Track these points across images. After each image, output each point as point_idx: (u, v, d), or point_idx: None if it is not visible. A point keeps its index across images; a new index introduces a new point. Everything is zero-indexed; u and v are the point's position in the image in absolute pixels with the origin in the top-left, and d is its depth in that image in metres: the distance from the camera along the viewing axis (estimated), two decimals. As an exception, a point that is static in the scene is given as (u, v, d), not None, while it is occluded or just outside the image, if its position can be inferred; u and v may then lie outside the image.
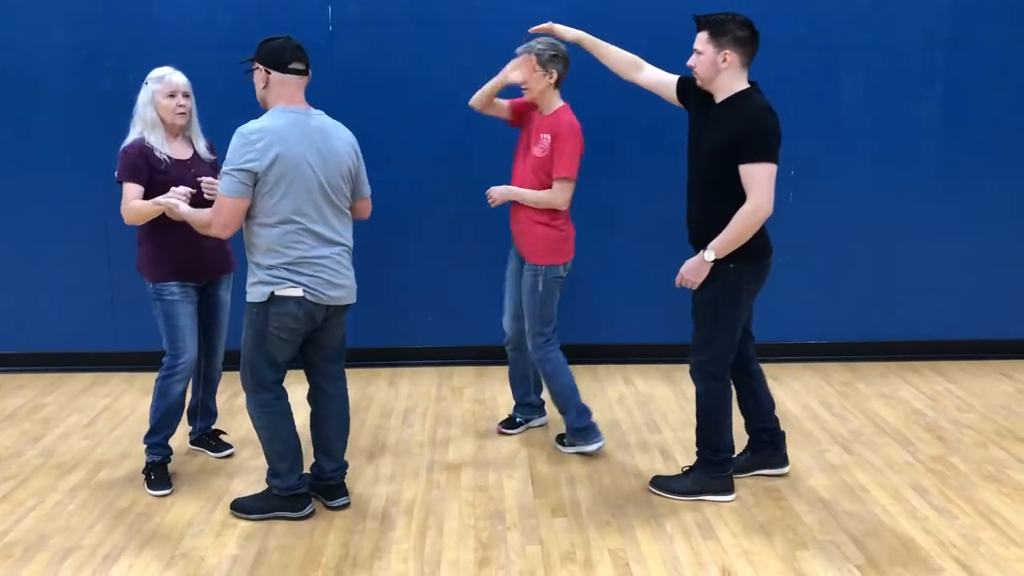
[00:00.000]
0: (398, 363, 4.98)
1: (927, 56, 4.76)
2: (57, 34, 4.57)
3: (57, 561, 2.92)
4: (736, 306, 3.19)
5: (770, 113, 3.03)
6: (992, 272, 4.98)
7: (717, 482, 3.32)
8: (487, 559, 2.92)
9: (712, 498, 3.32)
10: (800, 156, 4.82)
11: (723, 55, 3.02)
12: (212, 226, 2.98)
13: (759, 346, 3.47)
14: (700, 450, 3.36)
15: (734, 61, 3.03)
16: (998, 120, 4.83)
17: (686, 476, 3.40)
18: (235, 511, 3.23)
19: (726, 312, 3.18)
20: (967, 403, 4.37)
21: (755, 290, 3.25)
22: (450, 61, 4.67)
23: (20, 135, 4.67)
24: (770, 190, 3.02)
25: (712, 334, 3.22)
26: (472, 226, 4.83)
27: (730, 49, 3.01)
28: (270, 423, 3.14)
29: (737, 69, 3.05)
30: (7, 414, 4.27)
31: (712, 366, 3.25)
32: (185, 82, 3.38)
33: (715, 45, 3.02)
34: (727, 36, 3.00)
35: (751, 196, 3.01)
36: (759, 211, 3.02)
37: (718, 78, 3.06)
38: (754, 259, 3.14)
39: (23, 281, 4.81)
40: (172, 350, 3.39)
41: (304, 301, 2.99)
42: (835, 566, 2.87)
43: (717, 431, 3.31)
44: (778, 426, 3.52)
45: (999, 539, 3.05)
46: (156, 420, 3.43)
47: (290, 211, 2.95)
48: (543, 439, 3.93)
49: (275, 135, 2.91)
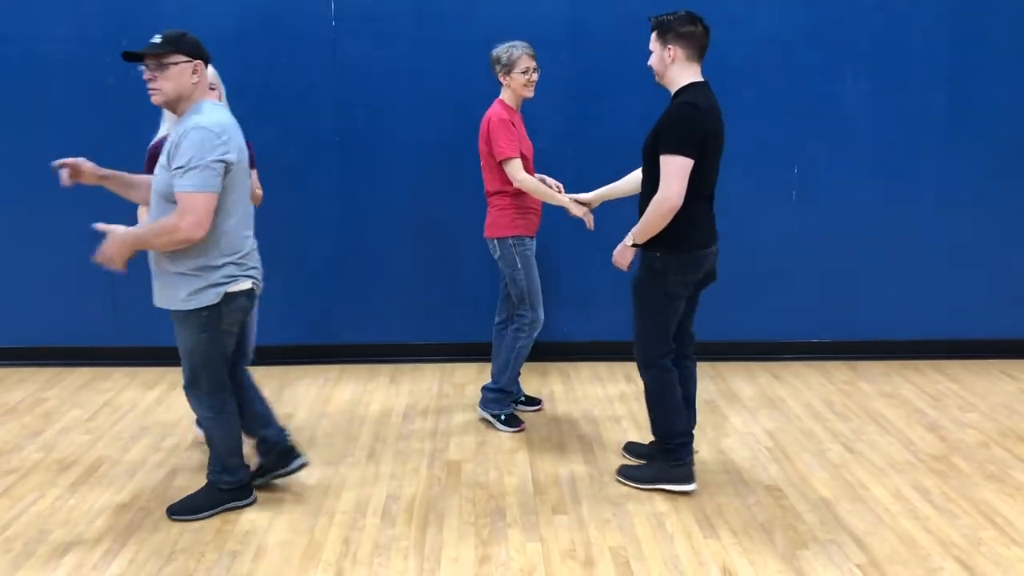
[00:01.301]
0: (399, 360, 4.97)
1: (930, 54, 4.74)
2: (59, 28, 4.57)
3: (57, 556, 2.92)
4: (662, 295, 3.25)
5: (692, 107, 3.08)
6: (995, 271, 4.97)
7: (675, 471, 3.35)
8: (487, 556, 2.92)
9: (671, 487, 3.35)
10: (802, 154, 4.82)
11: (668, 51, 3.14)
12: (180, 230, 2.81)
13: (765, 344, 3.48)
14: (655, 439, 3.41)
15: (679, 56, 3.14)
16: (1002, 118, 4.82)
17: (649, 466, 3.45)
18: (176, 515, 3.16)
19: (654, 299, 3.28)
20: (969, 402, 4.37)
21: (686, 282, 3.26)
22: (452, 56, 4.66)
23: (21, 129, 4.67)
24: (678, 182, 3.08)
25: (643, 321, 3.33)
26: (473, 221, 4.82)
27: (673, 44, 3.13)
28: (225, 422, 3.17)
29: (683, 63, 3.16)
30: (8, 408, 4.28)
31: (645, 353, 3.34)
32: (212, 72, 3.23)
33: (661, 42, 3.16)
34: (671, 32, 3.14)
35: (660, 187, 3.11)
36: (664, 202, 3.10)
37: (667, 74, 3.19)
38: (679, 249, 3.19)
39: (24, 275, 4.81)
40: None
41: (251, 292, 3.08)
42: (836, 565, 2.87)
43: (664, 418, 3.36)
44: (689, 429, 3.44)
45: (1000, 539, 3.04)
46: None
47: (240, 205, 3.00)
48: (544, 436, 3.93)
49: (231, 129, 2.94)
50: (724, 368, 4.84)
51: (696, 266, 3.24)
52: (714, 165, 3.22)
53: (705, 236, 3.25)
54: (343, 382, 4.65)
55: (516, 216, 3.87)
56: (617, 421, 4.10)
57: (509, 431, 3.95)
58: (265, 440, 3.32)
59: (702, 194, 3.20)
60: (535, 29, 4.62)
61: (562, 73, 4.65)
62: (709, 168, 3.19)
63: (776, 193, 4.85)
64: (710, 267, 3.31)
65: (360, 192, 4.77)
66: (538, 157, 4.67)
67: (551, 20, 4.63)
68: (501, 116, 3.79)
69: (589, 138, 4.07)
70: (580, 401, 4.33)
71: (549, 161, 4.72)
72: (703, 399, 4.37)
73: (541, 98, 4.67)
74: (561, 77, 4.65)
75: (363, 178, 4.76)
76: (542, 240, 4.12)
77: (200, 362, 3.06)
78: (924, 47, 4.73)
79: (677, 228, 3.16)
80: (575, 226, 4.10)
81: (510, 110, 3.84)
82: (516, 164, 3.76)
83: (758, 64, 4.70)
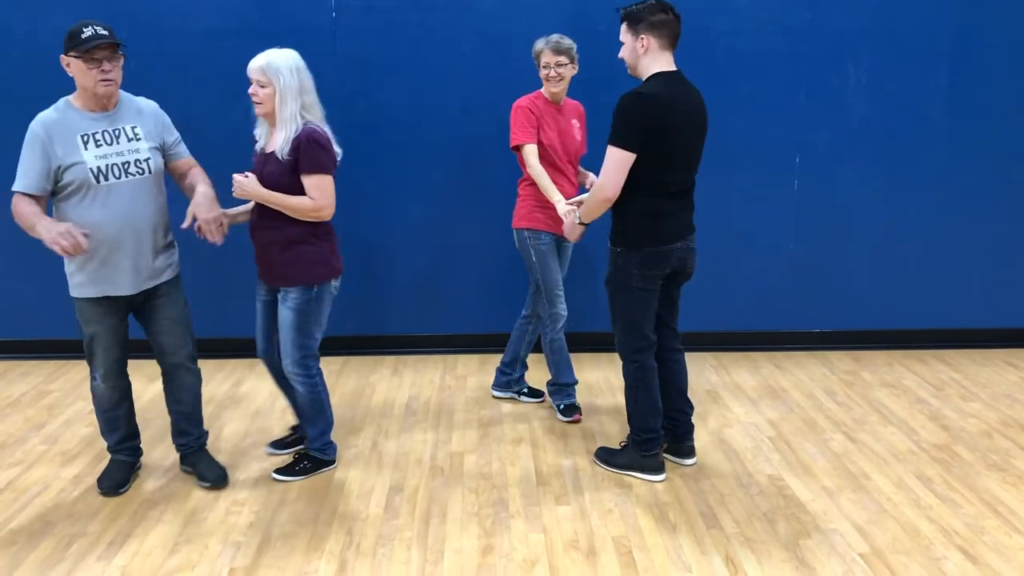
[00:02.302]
0: (401, 351, 4.98)
1: (932, 44, 4.72)
2: (58, 20, 4.55)
3: (62, 548, 2.93)
4: (627, 290, 3.24)
5: (639, 98, 3.02)
6: (998, 260, 4.96)
7: (645, 461, 3.40)
8: (490, 547, 2.93)
9: (641, 476, 3.40)
10: (804, 144, 4.80)
11: (641, 40, 3.10)
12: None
13: (766, 334, 3.46)
14: (630, 428, 3.44)
15: (651, 45, 3.09)
16: (1004, 109, 4.80)
17: (623, 451, 3.48)
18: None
19: (622, 294, 3.28)
20: (972, 392, 4.36)
21: (650, 276, 3.21)
22: (453, 47, 4.65)
23: (22, 122, 4.65)
24: (614, 175, 3.06)
25: (614, 316, 3.35)
26: (475, 213, 4.82)
27: (646, 34, 3.09)
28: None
29: (656, 53, 3.10)
30: (11, 401, 4.29)
31: (620, 348, 3.36)
32: (255, 67, 3.09)
33: (632, 33, 3.12)
34: (642, 23, 3.09)
35: (599, 176, 3.12)
36: (599, 191, 3.12)
37: (640, 64, 3.14)
38: (639, 244, 3.17)
39: (27, 269, 4.81)
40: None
41: None
42: (838, 554, 2.87)
43: (636, 411, 3.38)
44: (683, 417, 3.50)
45: (1003, 528, 3.04)
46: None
47: None
48: (546, 427, 3.93)
49: None
50: (726, 358, 4.84)
51: (660, 261, 3.20)
52: (678, 158, 3.11)
53: (669, 232, 3.18)
54: (346, 374, 4.66)
55: (534, 208, 3.84)
56: (619, 411, 4.11)
57: (564, 420, 3.99)
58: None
59: (664, 189, 3.13)
60: (536, 20, 4.60)
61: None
62: (670, 161, 3.10)
63: (778, 183, 4.84)
64: (679, 263, 3.25)
65: (362, 184, 4.77)
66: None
67: (552, 11, 4.61)
68: (521, 103, 3.78)
69: (589, 130, 4.06)
70: (584, 392, 4.33)
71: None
72: (704, 389, 4.38)
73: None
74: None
75: (365, 170, 4.75)
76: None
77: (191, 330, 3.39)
78: (926, 37, 4.71)
79: (636, 223, 3.15)
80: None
81: (540, 100, 3.79)
82: (527, 150, 3.74)
83: (760, 54, 4.68)
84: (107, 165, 3.00)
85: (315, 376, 3.34)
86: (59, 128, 2.98)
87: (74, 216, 3.00)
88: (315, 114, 3.15)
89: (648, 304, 3.28)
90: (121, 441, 3.37)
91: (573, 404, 4.03)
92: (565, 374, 4.02)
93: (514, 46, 4.62)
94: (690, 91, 3.15)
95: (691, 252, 3.30)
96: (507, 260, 4.85)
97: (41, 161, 2.96)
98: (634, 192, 3.14)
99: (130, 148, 3.05)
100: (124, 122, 3.08)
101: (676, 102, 3.06)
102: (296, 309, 3.22)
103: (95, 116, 3.03)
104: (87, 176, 2.97)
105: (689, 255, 3.29)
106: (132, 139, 3.07)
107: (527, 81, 4.68)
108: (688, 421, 3.51)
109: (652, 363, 3.35)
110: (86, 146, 2.98)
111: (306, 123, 3.11)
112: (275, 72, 3.06)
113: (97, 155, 2.99)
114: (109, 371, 3.25)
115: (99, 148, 3.00)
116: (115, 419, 3.34)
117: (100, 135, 3.01)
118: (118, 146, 3.03)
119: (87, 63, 2.93)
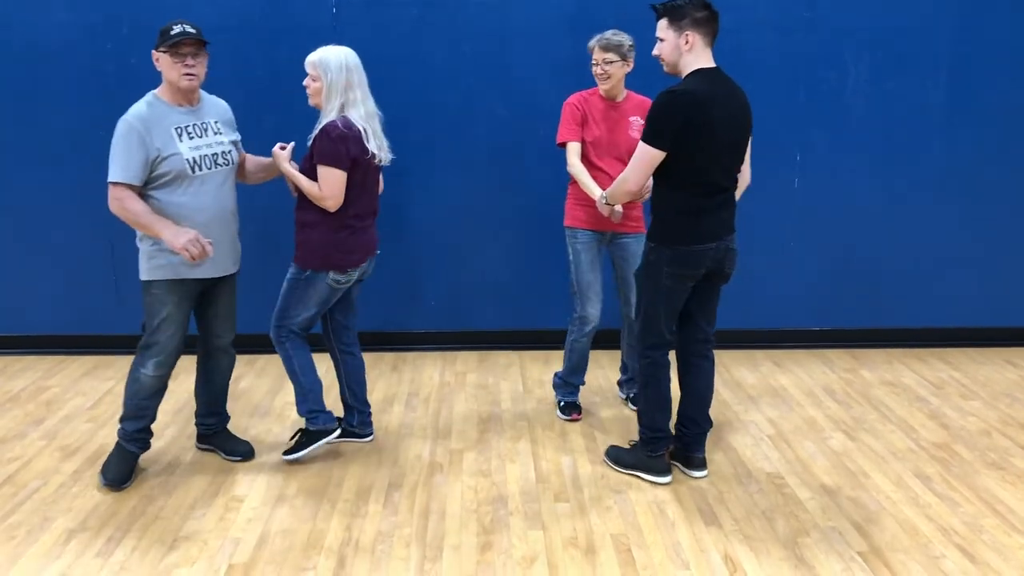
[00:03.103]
0: (401, 348, 4.98)
1: (931, 41, 4.72)
2: (58, 14, 4.54)
3: (61, 543, 2.93)
4: (654, 285, 3.20)
5: (672, 96, 2.98)
6: (997, 259, 4.96)
7: (651, 461, 3.35)
8: (489, 544, 2.93)
9: (646, 476, 3.36)
10: (804, 142, 4.80)
11: (685, 37, 3.04)
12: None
13: (765, 332, 3.46)
14: (639, 425, 3.41)
15: (695, 42, 3.04)
16: (1003, 107, 4.79)
17: (631, 450, 3.45)
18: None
19: (648, 288, 3.24)
20: (971, 390, 4.36)
21: (681, 276, 3.16)
22: (454, 43, 4.64)
23: (22, 117, 4.65)
24: (638, 171, 3.08)
25: (638, 308, 3.31)
26: (475, 209, 4.82)
27: (691, 30, 3.02)
28: None
29: (699, 50, 3.06)
30: (11, 396, 4.28)
31: (642, 343, 3.31)
32: (310, 61, 3.27)
33: (675, 29, 3.05)
34: (686, 19, 3.02)
35: (627, 167, 3.15)
36: (622, 182, 3.17)
37: (681, 61, 3.08)
38: (672, 242, 3.13)
39: (26, 264, 4.80)
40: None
41: None
42: (837, 552, 2.87)
43: (647, 410, 3.35)
44: (695, 428, 3.38)
45: (1002, 526, 3.04)
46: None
47: None
48: (545, 424, 3.93)
49: None
50: (726, 356, 4.84)
51: (692, 261, 3.13)
52: (714, 157, 3.06)
53: (704, 231, 3.11)
54: (345, 370, 4.65)
55: (574, 205, 3.83)
56: (619, 409, 4.10)
57: (562, 417, 3.99)
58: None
59: (699, 188, 3.08)
60: (537, 16, 4.60)
61: (567, 60, 4.63)
62: (705, 160, 3.04)
63: (778, 180, 4.83)
64: (713, 263, 3.17)
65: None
66: (542, 144, 4.67)
67: (553, 7, 4.61)
68: (569, 99, 3.78)
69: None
70: (581, 389, 4.32)
71: (555, 148, 4.72)
72: (705, 387, 4.37)
73: (546, 84, 4.68)
74: (566, 64, 4.63)
75: (364, 166, 4.74)
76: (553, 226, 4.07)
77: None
78: (925, 34, 4.71)
79: (671, 221, 3.12)
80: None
81: (594, 96, 3.76)
82: (569, 148, 3.73)
83: (760, 51, 4.68)
84: (200, 156, 3.19)
85: (284, 344, 3.46)
86: (154, 121, 3.11)
87: (169, 203, 3.15)
88: (358, 111, 3.28)
89: (672, 303, 3.22)
90: (140, 431, 3.39)
91: (574, 403, 4.02)
92: (576, 375, 4.02)
93: (515, 41, 4.62)
94: (730, 89, 3.08)
95: (729, 253, 3.21)
96: (505, 257, 4.86)
97: (139, 152, 3.07)
98: (669, 190, 3.11)
99: (216, 141, 3.26)
100: (208, 117, 3.28)
101: (714, 100, 2.99)
102: (288, 280, 3.44)
103: (183, 111, 3.20)
104: (184, 167, 3.13)
105: (727, 256, 3.20)
106: (216, 132, 3.28)
107: (527, 76, 4.68)
108: (700, 434, 3.39)
109: (665, 361, 3.31)
110: (180, 138, 3.15)
111: (343, 117, 3.25)
112: (324, 67, 3.23)
113: (190, 147, 3.17)
114: (168, 357, 3.31)
115: (191, 140, 3.18)
116: (146, 408, 3.37)
117: (191, 128, 3.19)
118: (207, 139, 3.23)
119: (173, 57, 3.10)
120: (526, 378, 4.54)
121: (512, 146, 4.75)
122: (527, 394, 4.31)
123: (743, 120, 3.14)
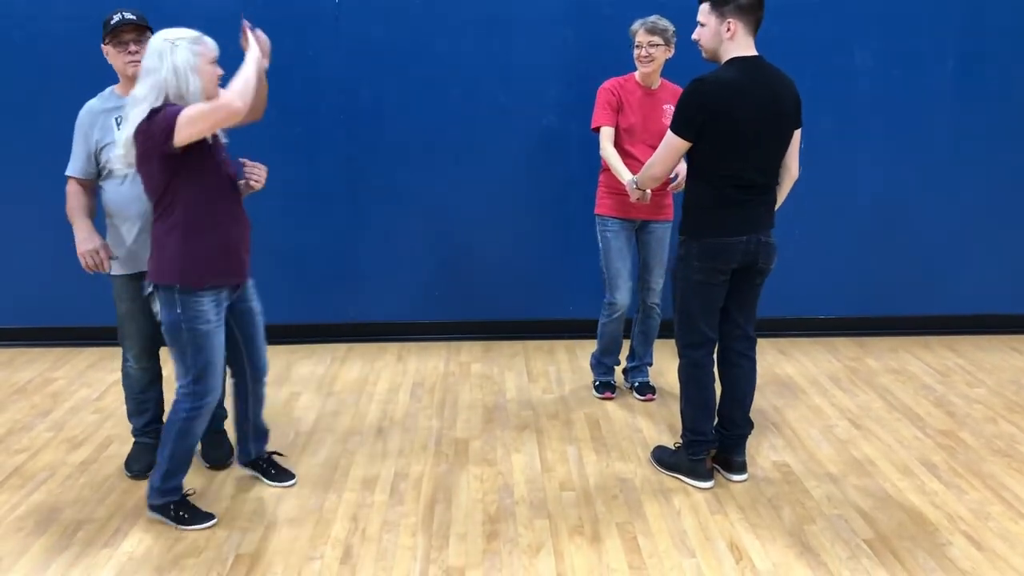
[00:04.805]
0: (406, 338, 4.98)
1: (939, 28, 4.68)
2: (59, 6, 4.53)
3: (68, 534, 2.94)
4: (687, 281, 3.12)
5: (700, 84, 2.91)
6: (1003, 246, 4.94)
7: (692, 465, 3.23)
8: (495, 533, 2.93)
9: (687, 480, 3.25)
10: (811, 129, 4.76)
11: (727, 24, 2.92)
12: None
13: (767, 320, 3.43)
14: (682, 427, 3.31)
15: (738, 30, 2.93)
16: (1010, 94, 4.77)
17: (676, 451, 3.35)
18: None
19: (681, 285, 3.15)
20: (977, 378, 4.36)
21: (712, 270, 3.05)
22: (457, 33, 4.62)
23: (24, 110, 4.65)
24: (665, 157, 3.06)
25: (675, 307, 3.23)
26: (477, 198, 4.81)
27: (733, 18, 2.91)
28: None
29: (742, 38, 2.94)
30: (17, 388, 4.30)
31: (680, 342, 3.22)
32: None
33: (718, 15, 2.92)
34: (729, 4, 2.91)
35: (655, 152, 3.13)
36: (648, 167, 3.16)
37: (721, 48, 2.97)
38: (700, 234, 3.05)
39: (31, 256, 4.81)
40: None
41: None
42: (843, 540, 2.87)
43: (688, 412, 3.24)
44: (735, 430, 3.26)
45: (1008, 513, 3.04)
46: (174, 464, 2.99)
47: None
48: (550, 413, 3.93)
49: None
50: (731, 345, 4.83)
51: (722, 253, 3.02)
52: (746, 148, 2.95)
53: (734, 223, 3.00)
54: (350, 361, 4.66)
55: (605, 193, 3.87)
56: (624, 397, 4.10)
57: (596, 396, 4.10)
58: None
59: (726, 181, 2.97)
60: (540, 6, 4.58)
61: (569, 49, 4.62)
62: (734, 150, 2.94)
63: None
64: (745, 257, 3.05)
65: (365, 170, 4.75)
66: (545, 134, 4.66)
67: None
68: (605, 84, 3.80)
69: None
70: (587, 378, 4.32)
71: (557, 138, 4.71)
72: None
73: (548, 74, 4.66)
74: (568, 53, 4.61)
75: (368, 156, 4.74)
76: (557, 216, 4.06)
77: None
78: (933, 21, 4.67)
79: (700, 212, 3.04)
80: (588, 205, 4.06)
81: (630, 82, 3.77)
82: (603, 133, 3.75)
83: (766, 38, 4.64)
84: None
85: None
86: (100, 112, 3.09)
87: (108, 195, 3.10)
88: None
89: (708, 299, 3.12)
90: (147, 424, 3.38)
91: (608, 382, 4.11)
92: (609, 356, 4.12)
93: (518, 30, 4.60)
94: (770, 77, 2.97)
95: (763, 247, 3.06)
96: (507, 246, 4.85)
97: (83, 145, 3.08)
98: (699, 180, 3.05)
99: None
100: None
101: (742, 90, 2.89)
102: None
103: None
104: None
105: (761, 249, 3.06)
106: None
107: (532, 65, 4.66)
108: (739, 436, 3.27)
109: (706, 361, 3.18)
110: (119, 127, 3.04)
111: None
112: None
113: None
114: (142, 351, 3.28)
115: None
116: (145, 402, 3.37)
117: None
118: None
119: (116, 47, 3.05)
120: (531, 368, 4.54)
121: (515, 136, 4.74)
122: (532, 384, 4.31)
123: (783, 111, 3.01)
